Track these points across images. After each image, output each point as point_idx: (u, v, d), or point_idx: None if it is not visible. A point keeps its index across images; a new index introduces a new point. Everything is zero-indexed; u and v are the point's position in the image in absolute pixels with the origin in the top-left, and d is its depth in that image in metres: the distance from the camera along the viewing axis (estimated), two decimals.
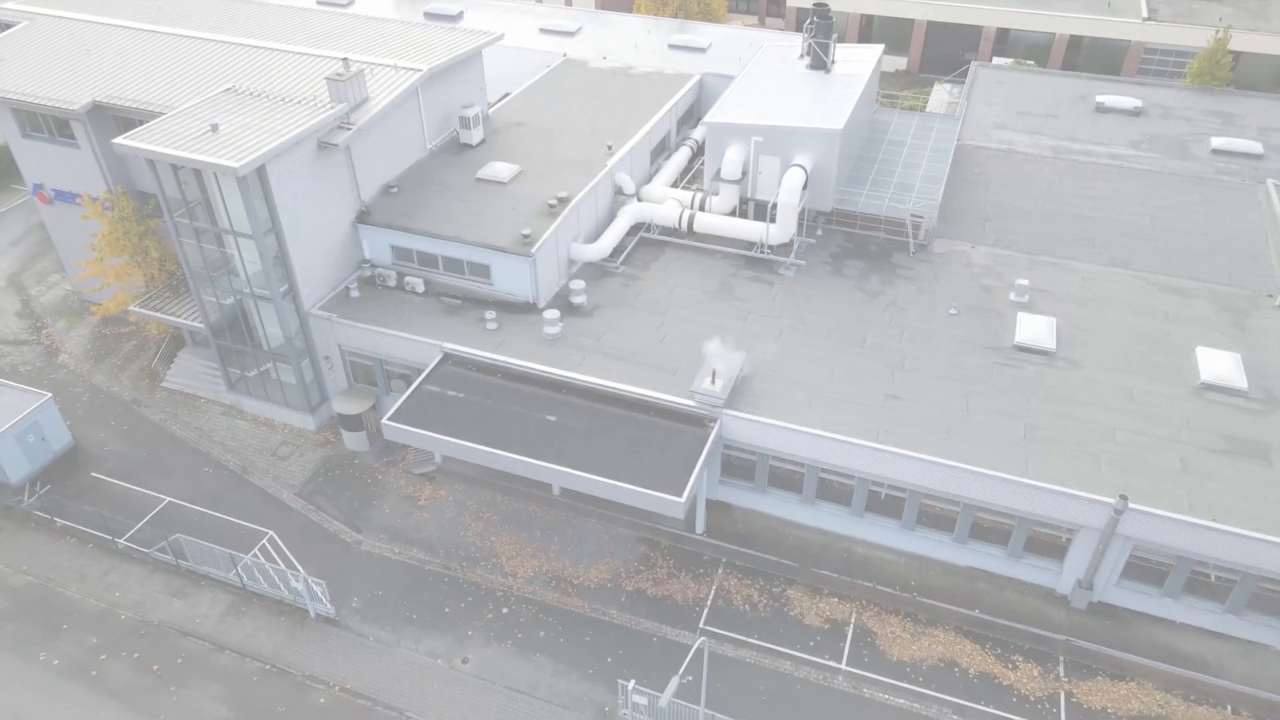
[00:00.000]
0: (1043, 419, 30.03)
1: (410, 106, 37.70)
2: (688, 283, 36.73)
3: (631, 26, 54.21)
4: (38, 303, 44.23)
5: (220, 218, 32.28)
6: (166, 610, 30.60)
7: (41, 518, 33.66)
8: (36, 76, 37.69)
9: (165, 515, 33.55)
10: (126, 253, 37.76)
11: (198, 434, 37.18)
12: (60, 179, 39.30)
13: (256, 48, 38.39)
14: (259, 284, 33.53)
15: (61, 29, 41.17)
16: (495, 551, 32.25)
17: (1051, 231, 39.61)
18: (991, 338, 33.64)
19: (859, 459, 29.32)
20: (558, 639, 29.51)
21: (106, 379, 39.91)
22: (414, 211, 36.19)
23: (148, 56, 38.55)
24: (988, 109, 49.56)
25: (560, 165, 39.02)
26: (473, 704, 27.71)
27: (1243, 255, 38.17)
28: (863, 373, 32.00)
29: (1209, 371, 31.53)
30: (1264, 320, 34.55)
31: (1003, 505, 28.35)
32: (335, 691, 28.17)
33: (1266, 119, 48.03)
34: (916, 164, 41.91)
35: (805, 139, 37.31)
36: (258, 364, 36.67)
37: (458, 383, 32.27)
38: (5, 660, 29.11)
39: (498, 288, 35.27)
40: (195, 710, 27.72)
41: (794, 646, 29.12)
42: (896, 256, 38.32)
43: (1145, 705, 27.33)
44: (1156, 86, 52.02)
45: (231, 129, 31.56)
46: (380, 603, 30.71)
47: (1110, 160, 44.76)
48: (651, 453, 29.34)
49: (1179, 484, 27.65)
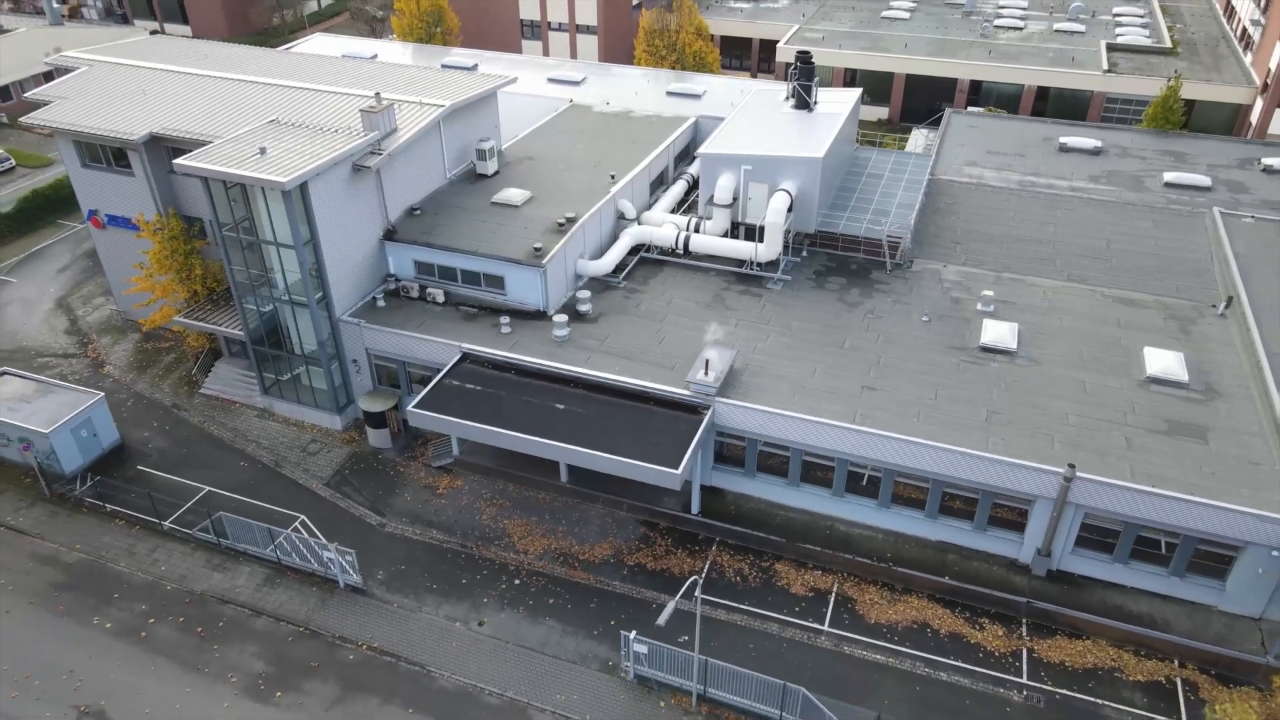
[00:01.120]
0: (1003, 406, 33.36)
1: (433, 138, 41.83)
2: (684, 295, 40.36)
3: (632, 77, 58.98)
4: (84, 321, 47.82)
5: (264, 230, 36.07)
6: (208, 582, 33.50)
7: (93, 504, 36.72)
8: (97, 113, 41.88)
9: (205, 502, 36.63)
10: (173, 270, 41.45)
11: (233, 433, 40.42)
12: (114, 205, 43.24)
13: (296, 88, 42.69)
14: (297, 291, 37.17)
15: (117, 73, 45.59)
16: (507, 532, 35.26)
17: (1016, 253, 43.39)
18: (959, 340, 37.13)
19: (837, 440, 32.57)
20: (565, 606, 32.37)
21: (149, 386, 43.30)
22: (435, 230, 40.04)
23: (197, 96, 42.82)
24: (960, 149, 53.88)
25: (568, 193, 43.01)
26: (488, 660, 30.48)
27: (1190, 272, 41.87)
28: (842, 369, 35.42)
29: (1154, 367, 34.95)
30: (1207, 327, 38.08)
31: (967, 479, 31.51)
32: (363, 650, 30.94)
33: (1215, 157, 52.30)
34: (893, 193, 46.00)
35: (790, 167, 41.37)
36: (290, 368, 40.09)
37: (475, 378, 35.69)
38: (62, 624, 31.93)
39: (511, 297, 38.90)
40: (236, 665, 30.48)
41: (781, 611, 31.99)
42: (875, 274, 42.01)
43: (1099, 659, 30.12)
44: (1116, 130, 56.51)
45: (277, 152, 35.55)
46: (403, 576, 33.62)
47: (1071, 192, 48.82)
48: (651, 435, 32.59)
49: (1123, 458, 30.86)
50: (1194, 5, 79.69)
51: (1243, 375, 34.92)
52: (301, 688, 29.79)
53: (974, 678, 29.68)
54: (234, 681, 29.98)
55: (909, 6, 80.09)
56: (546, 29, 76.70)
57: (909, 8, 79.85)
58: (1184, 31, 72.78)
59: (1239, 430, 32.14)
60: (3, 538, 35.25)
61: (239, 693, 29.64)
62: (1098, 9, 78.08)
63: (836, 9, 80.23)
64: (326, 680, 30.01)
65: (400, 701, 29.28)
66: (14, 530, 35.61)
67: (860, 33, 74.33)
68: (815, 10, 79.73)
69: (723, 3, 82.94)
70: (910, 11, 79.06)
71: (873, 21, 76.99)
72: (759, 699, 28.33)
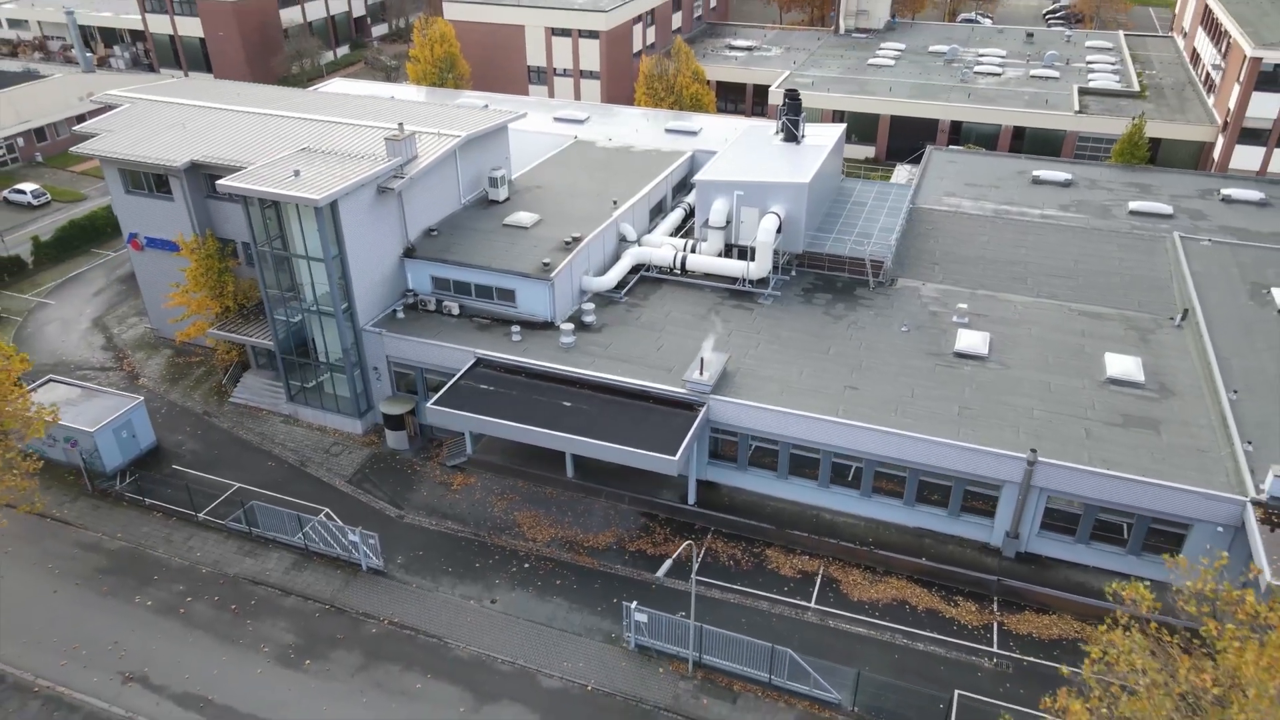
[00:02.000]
0: (974, 403, 36.36)
1: (449, 166, 45.44)
2: (681, 309, 43.57)
3: (633, 116, 62.99)
4: (119, 338, 51.00)
5: (297, 246, 39.43)
6: (240, 566, 36.16)
7: (132, 498, 39.50)
8: (141, 144, 45.53)
9: (236, 497, 39.39)
10: (208, 286, 44.73)
11: (261, 437, 43.31)
12: (153, 228, 46.70)
13: (324, 121, 46.43)
14: (325, 303, 40.40)
15: (158, 108, 49.41)
16: (517, 523, 37.99)
17: (991, 273, 46.68)
18: (935, 347, 40.23)
19: (821, 433, 35.50)
20: (571, 586, 35.00)
21: (181, 396, 46.31)
22: (451, 249, 43.41)
23: (233, 128, 46.53)
24: (940, 181, 57.54)
25: (573, 217, 46.48)
26: (500, 633, 33.05)
27: (1150, 289, 45.13)
28: (826, 371, 38.48)
29: (1114, 369, 38.01)
30: (1164, 336, 41.21)
31: (940, 466, 34.39)
32: (385, 625, 33.52)
33: (1178, 188, 55.94)
34: (875, 218, 49.52)
35: (779, 191, 44.92)
36: (316, 376, 43.15)
37: (488, 379, 38.74)
38: (106, 603, 34.54)
39: (521, 309, 42.10)
40: (268, 637, 33.04)
41: (771, 591, 34.62)
42: (859, 290, 45.26)
43: (1064, 632, 32.70)
44: (1086, 164, 60.33)
45: (310, 175, 39.05)
46: (421, 560, 36.29)
47: (1043, 219, 52.32)
48: (650, 428, 35.55)
49: (1082, 446, 33.77)
50: (1163, 54, 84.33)
51: (1195, 377, 37.94)
52: (328, 656, 32.33)
53: (948, 647, 32.22)
54: (266, 651, 32.53)
55: (894, 55, 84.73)
56: (552, 74, 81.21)
57: (894, 56, 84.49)
58: (1153, 77, 77.17)
59: (1189, 423, 35.09)
60: (50, 528, 37.98)
61: (271, 661, 32.18)
62: (1072, 57, 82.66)
63: (826, 57, 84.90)
64: (351, 650, 32.56)
65: (419, 669, 31.80)
66: (60, 521, 38.35)
67: (848, 78, 78.75)
68: (806, 58, 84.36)
69: (718, 51, 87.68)
70: (895, 59, 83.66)
71: (860, 68, 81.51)
72: (749, 663, 30.87)
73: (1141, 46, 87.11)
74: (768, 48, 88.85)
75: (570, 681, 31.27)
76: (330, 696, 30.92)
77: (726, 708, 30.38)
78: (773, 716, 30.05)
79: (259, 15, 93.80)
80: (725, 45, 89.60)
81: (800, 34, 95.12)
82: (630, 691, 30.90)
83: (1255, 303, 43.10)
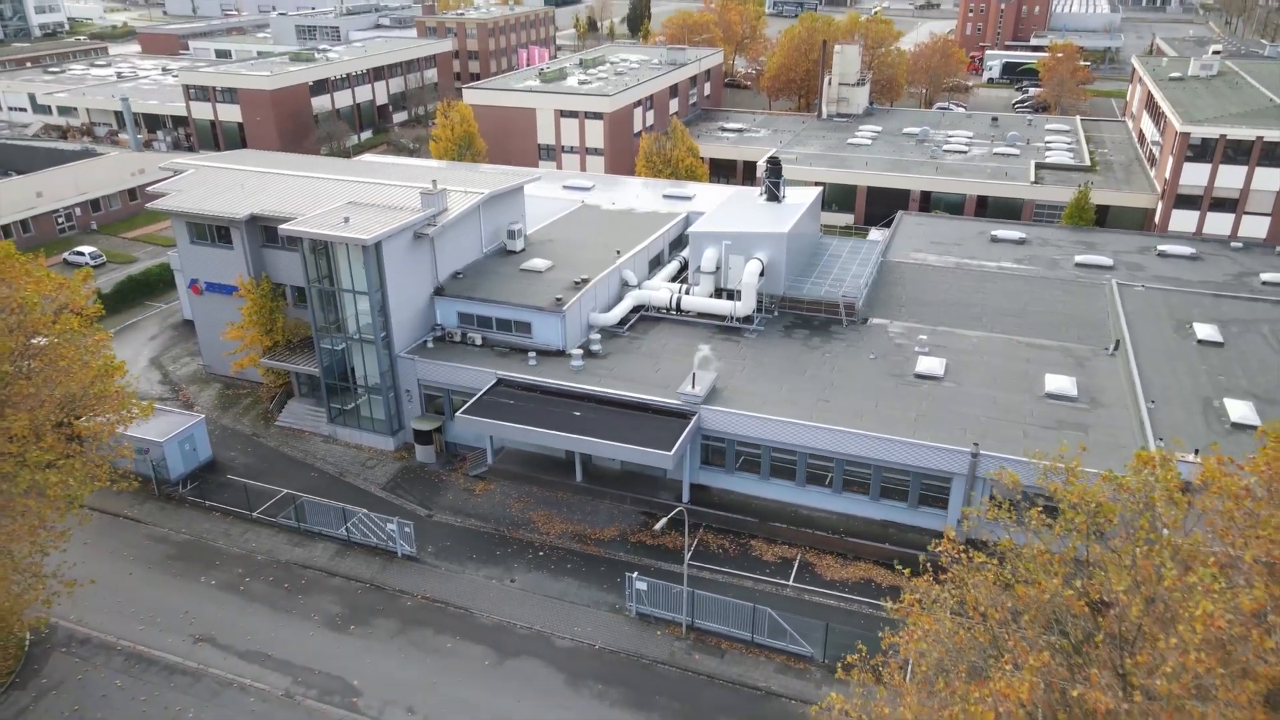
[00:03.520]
0: (929, 411, 42.11)
1: (473, 219, 52.22)
2: (676, 341, 49.66)
3: (634, 184, 70.37)
4: (174, 374, 56.99)
5: (344, 282, 45.80)
6: (290, 554, 41.34)
7: (194, 501, 44.88)
8: (206, 200, 52.40)
9: (285, 500, 44.73)
10: (260, 324, 50.95)
11: (304, 454, 48.88)
12: (213, 274, 53.20)
13: (365, 182, 53.46)
14: (366, 331, 46.56)
15: (218, 173, 56.54)
16: (533, 520, 43.27)
17: (950, 313, 52.93)
18: (898, 371, 46.17)
19: (797, 435, 41.17)
20: (580, 569, 40.15)
21: (232, 421, 52.04)
22: (476, 288, 49.81)
23: (285, 188, 53.51)
24: (909, 240, 64.43)
25: (582, 263, 53.02)
26: (519, 605, 38.08)
27: (1089, 326, 51.33)
28: (802, 389, 44.33)
29: (1051, 386, 43.90)
30: (1098, 362, 47.22)
31: (898, 462, 39.94)
32: (419, 599, 38.56)
33: (1120, 246, 62.78)
34: (849, 267, 56.11)
35: (761, 241, 51.58)
36: (354, 399, 48.99)
37: (508, 395, 44.58)
38: (177, 582, 39.62)
39: (537, 339, 48.19)
40: (317, 609, 38.06)
41: (755, 573, 39.73)
42: (833, 327, 51.44)
43: None
44: (1039, 226, 67.38)
45: (357, 221, 45.69)
46: (448, 549, 41.47)
47: (998, 270, 58.94)
48: (650, 431, 41.22)
49: (1019, 443, 39.37)
50: (1115, 135, 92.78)
51: (1121, 394, 43.80)
52: (370, 623, 37.32)
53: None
54: (316, 619, 37.54)
55: (871, 135, 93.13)
56: (560, 151, 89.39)
57: (871, 136, 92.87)
58: (1105, 154, 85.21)
59: (1113, 427, 40.80)
60: (123, 524, 43.27)
61: (320, 626, 37.17)
62: (1032, 138, 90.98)
63: (809, 137, 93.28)
64: (390, 618, 37.57)
65: (449, 633, 36.77)
66: (132, 519, 43.66)
67: (829, 154, 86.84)
68: (791, 138, 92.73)
69: (711, 132, 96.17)
70: (872, 139, 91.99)
71: (840, 146, 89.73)
72: (735, 624, 35.86)
73: (1097, 129, 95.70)
74: (757, 129, 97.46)
75: (580, 642, 36.20)
76: (373, 653, 35.83)
77: (715, 661, 35.27)
78: (755, 668, 34.92)
79: (292, 102, 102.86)
80: (718, 127, 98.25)
81: (787, 119, 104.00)
82: (632, 650, 35.82)
83: (1179, 335, 49.24)
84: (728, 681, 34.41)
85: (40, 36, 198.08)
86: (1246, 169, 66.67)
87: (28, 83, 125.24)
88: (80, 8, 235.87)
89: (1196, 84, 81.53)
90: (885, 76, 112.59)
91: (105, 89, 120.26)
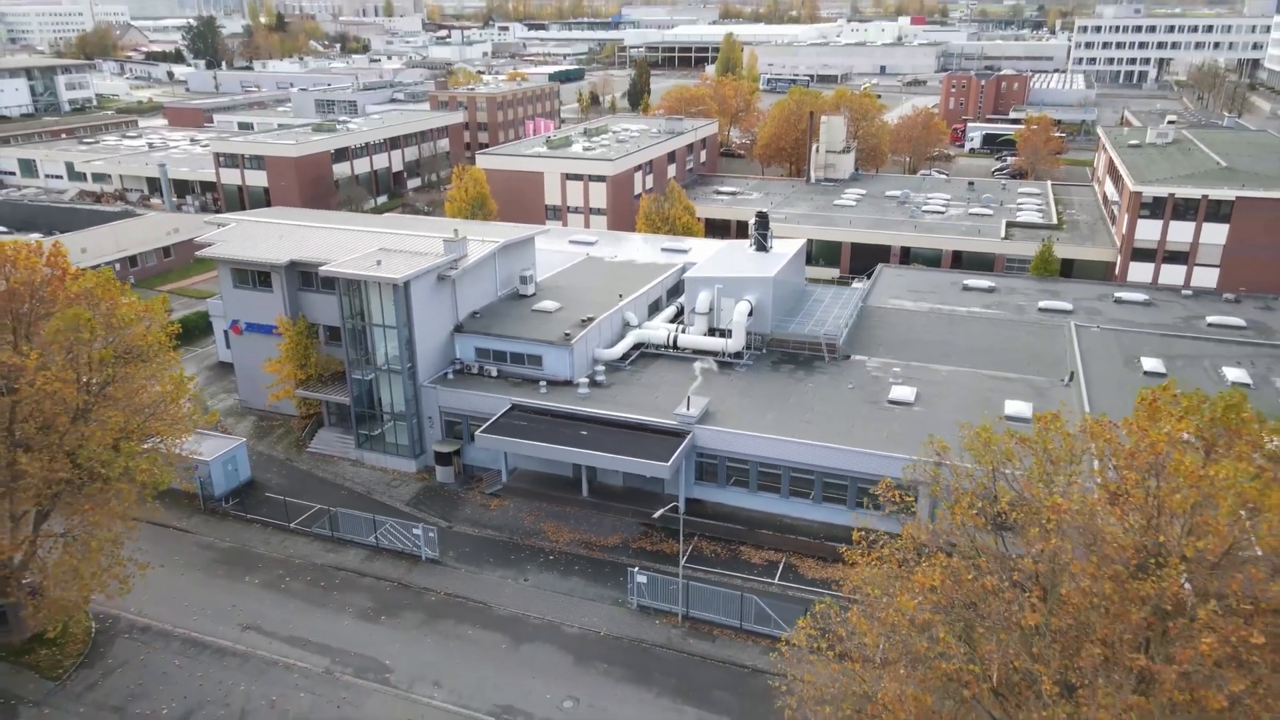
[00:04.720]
0: (899, 432, 47.05)
1: (490, 265, 57.91)
2: (673, 373, 54.83)
3: (635, 239, 76.42)
4: (213, 408, 61.98)
5: (375, 317, 51.22)
6: (325, 558, 45.83)
7: (236, 515, 49.50)
8: (249, 249, 58.17)
9: (318, 514, 49.33)
10: (295, 360, 56.20)
11: (334, 475, 53.62)
12: (253, 315, 58.65)
13: (393, 232, 59.30)
14: (394, 363, 51.78)
15: (258, 226, 62.50)
16: (543, 530, 47.83)
17: (924, 351, 58.20)
18: (873, 398, 51.26)
19: (781, 450, 46.04)
20: (587, 570, 44.61)
21: (266, 448, 56.88)
22: (492, 326, 55.21)
23: (320, 238, 59.34)
24: (888, 289, 70.12)
25: (587, 305, 58.53)
26: (532, 599, 42.48)
27: (1050, 362, 56.56)
28: (786, 413, 49.35)
29: (1010, 410, 48.94)
30: (1055, 391, 52.31)
31: (871, 473, 44.71)
32: (442, 595, 42.97)
33: (1081, 294, 68.40)
34: (832, 310, 61.61)
35: (750, 284, 57.17)
36: (380, 425, 53.93)
37: (521, 418, 49.59)
38: (223, 582, 44.06)
39: (546, 371, 53.36)
40: (350, 603, 42.45)
41: (744, 574, 44.17)
42: (816, 363, 56.67)
43: None
44: (1009, 276, 73.15)
45: (388, 264, 51.31)
46: (467, 554, 45.98)
47: (969, 314, 64.43)
48: (649, 447, 46.12)
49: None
50: (1083, 197, 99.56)
51: (1073, 416, 48.71)
52: (399, 615, 41.68)
53: None
54: (350, 611, 41.91)
55: (856, 197, 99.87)
56: (566, 211, 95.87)
57: (856, 198, 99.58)
58: (1072, 214, 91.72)
59: None
60: (173, 534, 47.83)
61: (354, 617, 41.52)
62: (1005, 200, 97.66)
63: (799, 199, 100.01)
64: (416, 611, 41.94)
65: (470, 623, 41.12)
66: (180, 530, 48.25)
67: (816, 214, 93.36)
68: (781, 199, 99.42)
69: (707, 195, 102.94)
70: (857, 201, 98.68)
71: (826, 207, 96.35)
72: (725, 613, 40.23)
73: (1066, 192, 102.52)
74: (750, 192, 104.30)
75: (587, 630, 40.51)
76: (402, 639, 40.13)
77: (708, 645, 39.58)
78: (743, 651, 39.20)
79: (315, 169, 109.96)
80: (713, 190, 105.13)
81: (778, 183, 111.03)
82: (634, 636, 40.14)
83: (1128, 369, 54.44)
84: (719, 661, 38.68)
85: (69, 111, 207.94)
86: (1194, 225, 72.76)
87: (64, 152, 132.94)
88: (107, 85, 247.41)
89: (1152, 150, 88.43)
90: (870, 145, 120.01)
91: (139, 157, 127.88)
